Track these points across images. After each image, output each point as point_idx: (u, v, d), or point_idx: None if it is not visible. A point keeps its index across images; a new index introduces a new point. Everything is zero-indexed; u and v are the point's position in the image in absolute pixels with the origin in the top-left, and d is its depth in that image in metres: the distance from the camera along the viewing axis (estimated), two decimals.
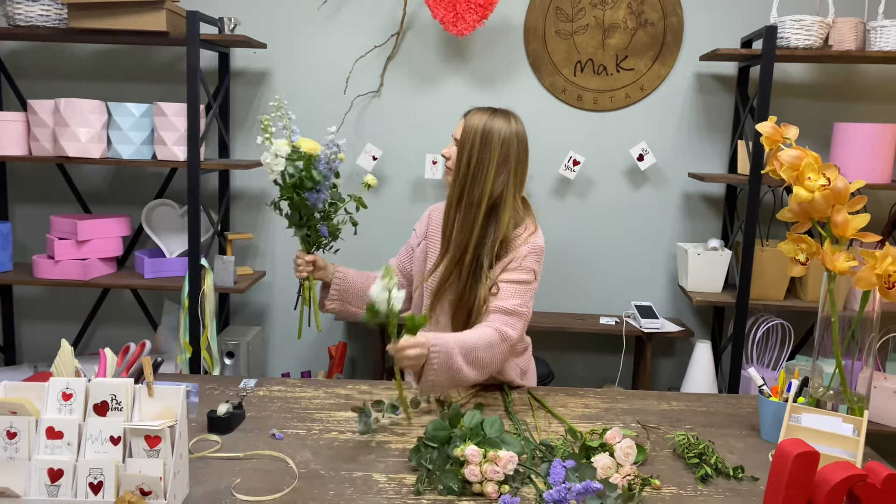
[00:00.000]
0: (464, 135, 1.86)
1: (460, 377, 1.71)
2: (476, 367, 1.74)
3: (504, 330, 1.80)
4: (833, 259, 1.51)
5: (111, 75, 3.06)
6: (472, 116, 1.88)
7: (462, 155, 1.85)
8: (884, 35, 2.61)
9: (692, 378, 2.83)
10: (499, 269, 1.86)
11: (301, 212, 1.85)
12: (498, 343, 1.78)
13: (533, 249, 1.87)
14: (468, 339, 1.74)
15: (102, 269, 2.87)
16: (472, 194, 1.84)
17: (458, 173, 1.86)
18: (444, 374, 1.68)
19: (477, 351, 1.73)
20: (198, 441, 1.58)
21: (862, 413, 1.53)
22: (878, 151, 2.65)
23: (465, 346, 1.71)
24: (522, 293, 1.85)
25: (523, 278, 1.86)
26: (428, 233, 2.04)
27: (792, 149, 1.54)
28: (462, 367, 1.69)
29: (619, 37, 2.96)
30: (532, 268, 1.87)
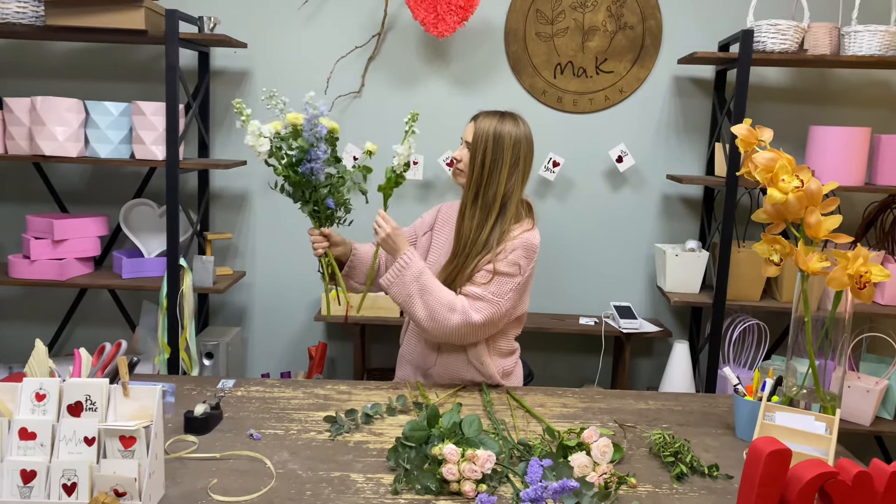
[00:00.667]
0: (476, 138, 1.93)
1: (409, 303, 1.89)
2: (426, 309, 1.87)
3: (467, 308, 1.87)
4: (806, 260, 1.54)
5: (89, 73, 3.03)
6: (482, 120, 1.95)
7: (476, 157, 1.94)
8: (857, 40, 2.65)
9: (670, 378, 2.85)
10: (488, 258, 1.91)
11: (302, 187, 1.84)
12: (457, 310, 1.86)
13: (524, 244, 1.92)
14: (435, 283, 1.90)
15: (79, 269, 2.84)
16: (487, 195, 1.93)
17: (472, 175, 1.95)
18: (398, 286, 1.89)
19: (433, 297, 1.87)
20: (174, 442, 1.57)
21: (834, 412, 1.55)
22: (852, 154, 2.69)
23: (425, 285, 1.88)
24: (500, 283, 1.90)
25: (504, 269, 1.90)
26: (435, 226, 2.12)
27: (766, 151, 1.57)
28: (413, 295, 1.88)
29: (599, 39, 2.98)
30: (517, 262, 1.91)
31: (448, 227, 2.09)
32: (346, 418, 1.69)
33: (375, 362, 3.18)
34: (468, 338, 1.92)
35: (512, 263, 1.90)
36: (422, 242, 2.13)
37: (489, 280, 1.90)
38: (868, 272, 1.46)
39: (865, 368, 2.86)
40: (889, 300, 2.78)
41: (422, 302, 1.87)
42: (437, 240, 2.10)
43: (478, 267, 1.92)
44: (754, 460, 1.23)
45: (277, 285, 3.14)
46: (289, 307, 3.15)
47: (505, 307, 1.90)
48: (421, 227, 2.16)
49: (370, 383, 2.00)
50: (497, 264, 1.90)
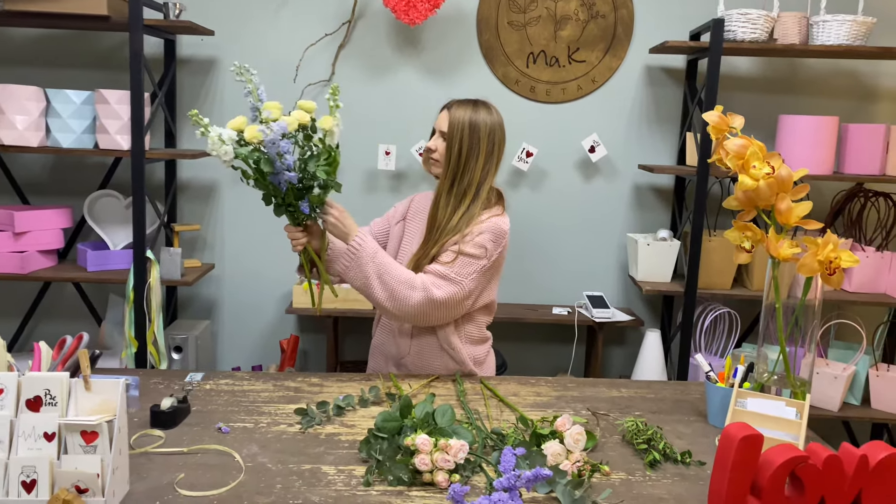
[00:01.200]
0: (451, 128, 1.92)
1: (368, 286, 1.84)
2: (385, 290, 1.84)
3: (428, 285, 1.85)
4: (777, 246, 1.54)
5: (50, 61, 2.95)
6: (457, 109, 1.94)
7: (452, 147, 1.92)
8: (826, 29, 2.67)
9: (642, 366, 2.87)
10: (454, 239, 1.91)
11: (272, 194, 1.77)
12: (417, 288, 1.84)
13: (491, 228, 1.91)
14: (391, 261, 1.87)
15: (42, 262, 2.77)
16: (462, 184, 1.93)
17: (448, 165, 1.93)
18: (354, 270, 1.84)
19: (391, 277, 1.84)
20: (140, 436, 1.54)
21: (804, 397, 1.56)
22: (820, 143, 2.71)
23: (382, 264, 1.84)
24: (464, 264, 1.88)
25: (469, 251, 1.88)
26: (408, 215, 2.10)
27: (738, 138, 1.57)
28: (370, 276, 1.84)
29: (571, 29, 2.97)
30: (484, 245, 1.89)
31: (421, 216, 2.08)
32: (317, 410, 1.66)
33: (348, 355, 3.15)
34: (430, 316, 1.88)
35: (478, 245, 1.89)
36: (395, 232, 2.11)
37: (453, 259, 1.88)
38: (838, 258, 1.47)
39: (834, 355, 2.90)
40: (856, 287, 2.82)
41: (380, 283, 1.84)
42: (409, 229, 2.08)
43: (444, 248, 1.91)
44: (726, 446, 1.23)
45: (248, 277, 3.09)
46: (259, 300, 3.11)
47: (467, 287, 1.88)
48: (394, 216, 2.14)
49: (342, 375, 1.97)
50: (462, 245, 1.89)
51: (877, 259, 2.79)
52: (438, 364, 2.00)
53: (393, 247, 2.09)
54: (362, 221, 2.19)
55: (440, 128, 1.96)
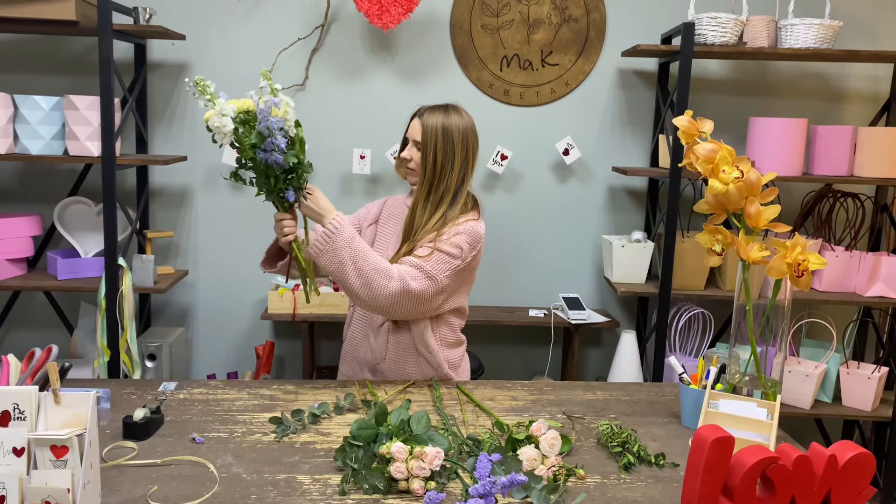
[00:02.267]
0: (425, 136, 1.91)
1: (342, 271, 1.79)
2: (359, 277, 1.80)
3: (405, 276, 1.82)
4: (747, 249, 1.56)
5: (17, 66, 2.90)
6: (428, 117, 1.93)
7: (427, 156, 1.92)
8: (794, 33, 2.72)
9: (618, 367, 2.89)
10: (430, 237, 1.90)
11: (266, 172, 1.73)
12: (393, 278, 1.81)
13: (468, 230, 1.91)
14: (368, 250, 1.83)
15: (11, 270, 2.73)
16: (439, 190, 1.93)
17: (424, 173, 1.92)
18: (328, 254, 1.78)
19: (367, 264, 1.80)
20: (112, 448, 1.52)
21: (775, 398, 1.59)
22: (790, 145, 2.75)
23: (358, 250, 1.80)
24: (440, 260, 1.87)
25: (446, 249, 1.88)
26: (380, 218, 2.09)
27: (707, 142, 1.58)
28: (345, 262, 1.78)
29: (544, 32, 2.99)
30: (460, 245, 1.89)
31: (394, 221, 2.07)
32: (292, 419, 1.65)
33: (325, 360, 3.14)
34: (403, 309, 1.86)
35: (455, 245, 1.89)
36: (366, 234, 2.10)
37: (429, 254, 1.87)
38: (806, 260, 1.49)
39: (805, 353, 2.94)
40: (827, 287, 2.86)
41: (355, 269, 1.79)
42: (382, 232, 2.08)
43: (420, 245, 1.91)
44: (698, 448, 1.25)
45: (222, 284, 3.07)
46: (234, 306, 3.08)
47: (441, 284, 1.87)
48: (366, 217, 2.12)
49: (318, 382, 1.96)
50: (439, 243, 1.88)
51: (846, 258, 2.84)
52: (414, 369, 1.99)
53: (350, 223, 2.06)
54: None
55: (413, 137, 1.95)
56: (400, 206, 2.10)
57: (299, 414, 1.67)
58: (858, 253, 2.85)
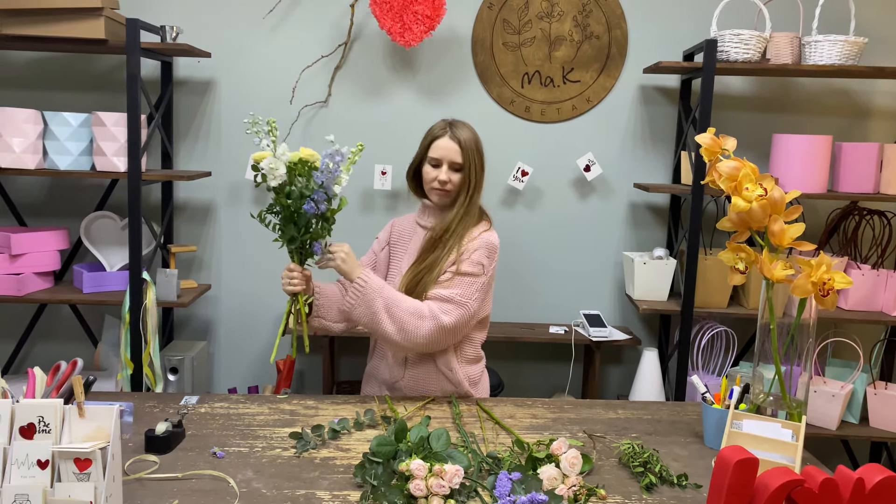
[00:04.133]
0: (465, 153, 1.95)
1: (377, 321, 1.84)
2: (395, 324, 1.84)
3: (436, 311, 1.86)
4: (771, 268, 1.55)
5: (47, 83, 2.96)
6: (459, 133, 1.95)
7: (470, 172, 1.95)
8: (818, 49, 2.70)
9: (640, 385, 2.86)
10: (451, 259, 1.93)
11: (297, 223, 1.81)
12: (426, 317, 1.85)
13: (485, 244, 1.94)
14: (397, 295, 1.87)
15: (38, 283, 2.77)
16: (475, 202, 1.99)
17: (467, 190, 1.96)
18: (362, 306, 1.84)
19: (399, 309, 1.84)
20: (134, 462, 1.53)
21: (800, 419, 1.56)
22: (814, 162, 2.73)
23: (389, 297, 1.85)
24: (466, 284, 1.90)
25: (468, 270, 1.91)
26: (391, 241, 2.11)
27: (730, 160, 1.57)
28: (379, 312, 1.83)
29: (566, 49, 3.00)
30: (480, 261, 1.92)
31: (404, 240, 2.10)
32: (312, 434, 1.66)
33: (345, 375, 3.14)
34: (440, 343, 1.90)
35: (475, 263, 1.92)
36: (381, 258, 2.13)
37: (453, 280, 1.90)
38: (831, 279, 1.48)
39: (831, 373, 2.89)
40: (853, 306, 2.82)
41: (388, 316, 1.84)
42: (395, 253, 2.10)
43: (442, 269, 1.92)
44: (722, 470, 1.23)
45: (244, 298, 3.09)
46: (256, 320, 3.10)
47: (473, 308, 1.91)
48: (378, 246, 2.15)
49: (338, 397, 1.97)
50: (461, 265, 1.91)
51: (872, 277, 2.80)
52: (434, 387, 1.99)
53: (381, 273, 2.11)
54: (358, 240, 2.20)
55: (450, 158, 1.95)
56: (410, 226, 2.11)
57: (319, 429, 1.67)
58: (885, 271, 2.80)
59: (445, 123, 1.99)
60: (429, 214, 2.06)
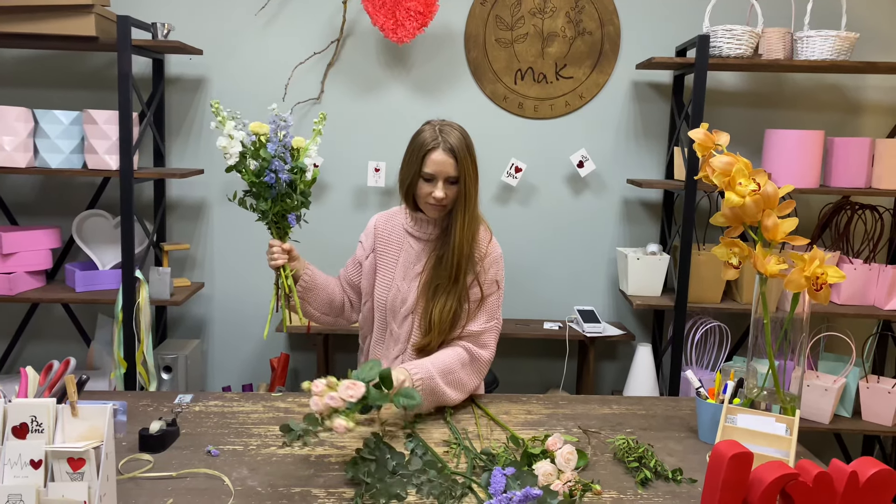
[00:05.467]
0: (460, 166, 1.84)
1: (443, 399, 1.82)
2: (457, 388, 1.85)
3: (474, 350, 1.89)
4: (764, 262, 1.55)
5: (38, 81, 2.94)
6: (451, 139, 1.84)
7: (467, 180, 1.86)
8: (810, 45, 2.70)
9: (634, 381, 2.87)
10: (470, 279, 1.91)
11: (265, 196, 1.80)
12: (471, 362, 1.88)
13: (495, 259, 1.96)
14: (445, 360, 1.83)
15: (30, 283, 2.76)
16: (475, 209, 1.92)
17: (464, 201, 1.86)
18: (428, 397, 1.77)
19: (455, 372, 1.84)
20: (128, 461, 1.52)
21: (794, 413, 1.57)
22: (806, 157, 2.73)
23: (443, 369, 1.81)
24: (489, 308, 1.94)
25: (488, 292, 1.93)
26: (376, 245, 2.02)
27: (723, 155, 1.58)
28: (444, 390, 1.81)
29: (558, 45, 2.99)
30: (495, 279, 1.95)
31: (391, 247, 2.00)
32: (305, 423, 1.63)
33: (339, 372, 3.13)
34: (485, 375, 1.96)
35: (490, 283, 1.94)
36: (367, 267, 2.02)
37: (476, 309, 1.91)
38: (824, 274, 1.48)
39: (824, 367, 2.91)
40: (845, 300, 2.83)
41: (448, 386, 1.81)
42: (383, 262, 2.00)
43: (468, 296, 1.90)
44: (717, 464, 1.23)
45: (237, 296, 3.08)
46: (249, 318, 3.09)
47: (500, 325, 1.97)
48: (363, 253, 2.05)
49: None
50: (477, 290, 1.91)
51: (864, 271, 2.81)
52: None
53: (369, 281, 2.01)
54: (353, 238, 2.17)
55: (446, 173, 1.84)
56: (398, 232, 2.01)
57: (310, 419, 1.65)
58: (877, 266, 2.82)
59: (435, 132, 1.85)
60: (421, 225, 1.96)
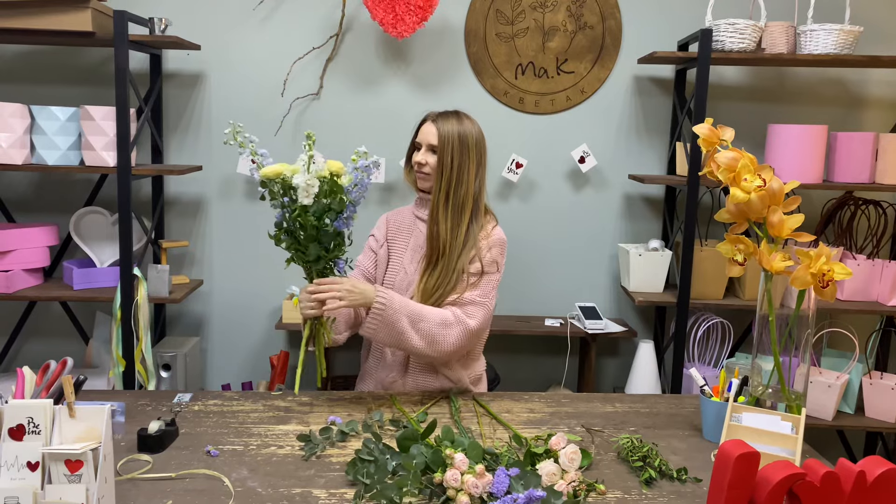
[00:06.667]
0: (442, 140, 1.92)
1: (404, 339, 1.80)
2: (424, 338, 1.82)
3: (461, 315, 1.87)
4: (770, 259, 1.53)
5: (34, 77, 2.92)
6: (443, 123, 1.94)
7: (444, 159, 1.92)
8: (813, 39, 2.68)
9: (636, 378, 2.85)
10: (470, 257, 1.93)
11: (322, 241, 1.73)
12: (453, 323, 1.85)
13: (498, 242, 1.97)
14: (420, 307, 1.84)
15: (27, 280, 2.73)
16: (458, 196, 1.92)
17: (441, 178, 1.92)
18: (386, 329, 1.78)
19: (426, 322, 1.82)
20: (127, 462, 1.51)
21: (800, 411, 1.55)
22: (810, 152, 2.71)
23: (413, 312, 1.81)
24: (483, 283, 1.93)
25: (486, 269, 1.93)
26: (388, 237, 2.09)
27: (728, 150, 1.56)
28: (406, 330, 1.79)
29: (559, 40, 2.97)
30: (495, 259, 1.95)
31: (403, 233, 2.08)
32: (320, 436, 1.62)
33: (339, 370, 3.12)
34: (468, 347, 1.92)
35: (491, 262, 1.94)
36: (381, 256, 2.09)
37: (474, 282, 1.91)
38: (831, 270, 1.46)
39: (827, 363, 2.89)
40: (848, 296, 2.81)
41: (415, 332, 1.82)
42: (395, 248, 2.07)
43: (463, 269, 1.91)
44: (723, 464, 1.22)
45: (237, 293, 3.06)
46: (249, 316, 3.07)
47: (492, 306, 1.95)
48: (376, 244, 2.11)
49: (333, 394, 1.95)
50: (476, 265, 1.92)
51: (868, 267, 2.79)
52: (434, 386, 1.99)
53: (382, 269, 2.07)
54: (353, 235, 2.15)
55: (427, 141, 1.96)
56: (406, 217, 2.09)
57: (328, 432, 1.63)
58: (881, 261, 2.80)
59: (439, 113, 1.99)
60: (424, 205, 2.05)
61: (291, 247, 1.78)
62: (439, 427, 1.58)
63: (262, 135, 2.94)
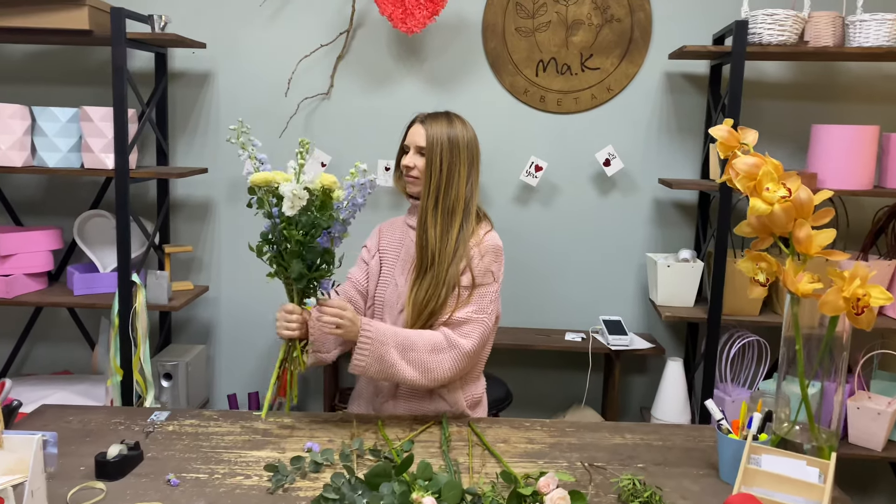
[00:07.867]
0: (430, 143, 1.81)
1: (394, 372, 1.69)
2: (416, 368, 1.70)
3: (453, 337, 1.73)
4: (795, 280, 1.33)
5: (36, 77, 2.86)
6: (432, 125, 1.83)
7: (433, 163, 1.80)
8: (863, 30, 2.43)
9: (663, 398, 2.64)
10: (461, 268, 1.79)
11: (306, 258, 1.63)
12: (445, 348, 1.72)
13: (491, 248, 1.81)
14: (409, 334, 1.71)
15: (29, 285, 2.67)
16: (448, 201, 1.80)
17: (430, 182, 1.81)
18: (375, 363, 1.68)
19: (416, 351, 1.70)
20: (80, 490, 1.39)
21: (830, 455, 1.34)
22: (859, 155, 2.47)
23: (402, 342, 1.69)
24: (479, 297, 1.78)
25: (480, 282, 1.78)
26: (381, 247, 1.96)
27: (749, 156, 1.36)
28: (396, 362, 1.69)
29: (584, 34, 2.78)
30: (489, 269, 1.80)
31: (395, 244, 1.94)
32: (290, 466, 1.48)
33: (348, 381, 2.99)
34: (465, 368, 1.77)
35: (484, 272, 1.79)
36: (373, 267, 1.96)
37: (467, 297, 1.77)
38: (867, 295, 1.25)
39: (877, 387, 2.63)
40: None
41: (406, 363, 1.69)
42: (387, 259, 1.94)
43: (454, 280, 1.76)
44: None
45: (244, 300, 2.95)
46: (257, 323, 2.96)
47: (490, 321, 1.79)
48: (368, 255, 1.99)
49: (318, 416, 1.81)
50: (474, 275, 1.78)
51: None
52: (429, 408, 1.84)
53: (373, 282, 1.95)
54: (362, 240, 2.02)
55: (416, 143, 1.84)
56: (399, 228, 1.96)
57: (299, 461, 1.49)
58: None
59: (428, 114, 1.87)
60: (416, 213, 1.90)
61: (274, 260, 1.69)
62: (417, 461, 1.42)
63: (272, 135, 2.83)
